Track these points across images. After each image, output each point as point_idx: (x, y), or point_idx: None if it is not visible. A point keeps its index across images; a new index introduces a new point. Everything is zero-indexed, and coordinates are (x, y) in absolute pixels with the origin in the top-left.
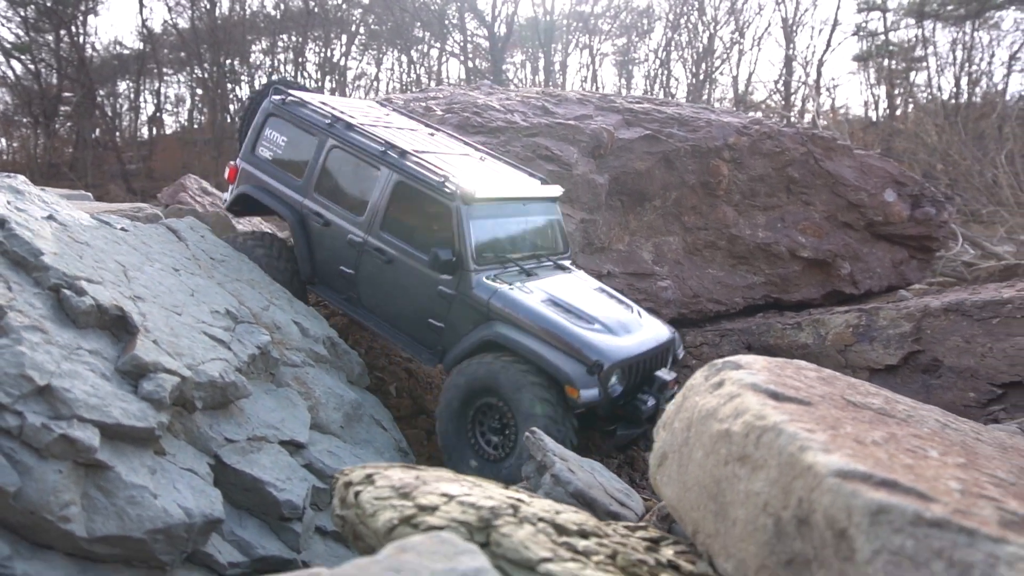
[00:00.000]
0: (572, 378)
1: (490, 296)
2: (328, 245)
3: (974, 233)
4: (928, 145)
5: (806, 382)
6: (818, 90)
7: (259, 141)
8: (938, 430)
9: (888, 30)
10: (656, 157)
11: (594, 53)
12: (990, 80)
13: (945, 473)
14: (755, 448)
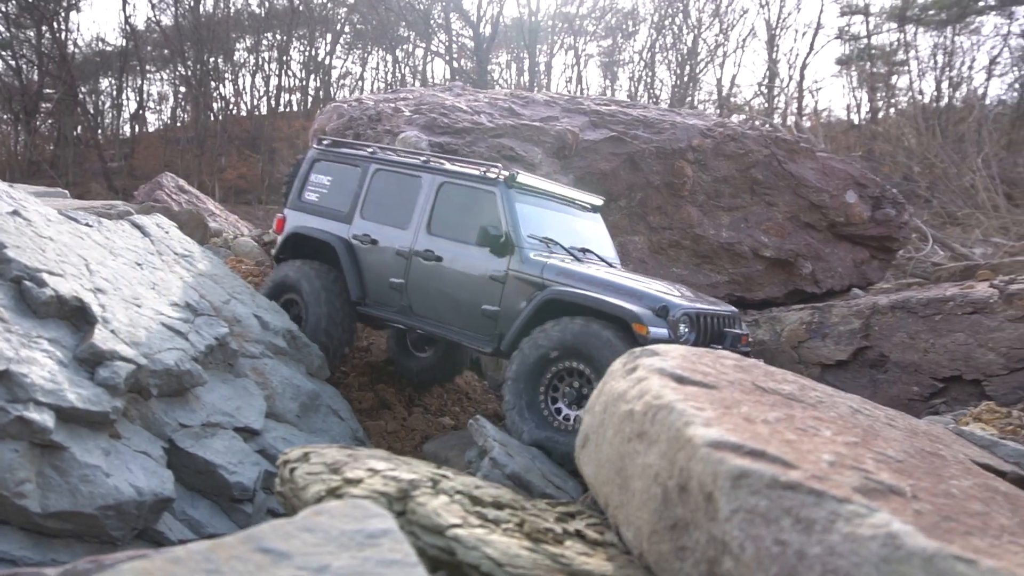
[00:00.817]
0: (640, 316)
1: (542, 269)
2: (376, 262)
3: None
4: (907, 148)
5: (719, 369)
6: (801, 92)
7: (305, 187)
8: (847, 415)
9: (870, 34)
10: (621, 158)
11: (579, 54)
12: (970, 84)
13: (825, 448)
14: (651, 425)
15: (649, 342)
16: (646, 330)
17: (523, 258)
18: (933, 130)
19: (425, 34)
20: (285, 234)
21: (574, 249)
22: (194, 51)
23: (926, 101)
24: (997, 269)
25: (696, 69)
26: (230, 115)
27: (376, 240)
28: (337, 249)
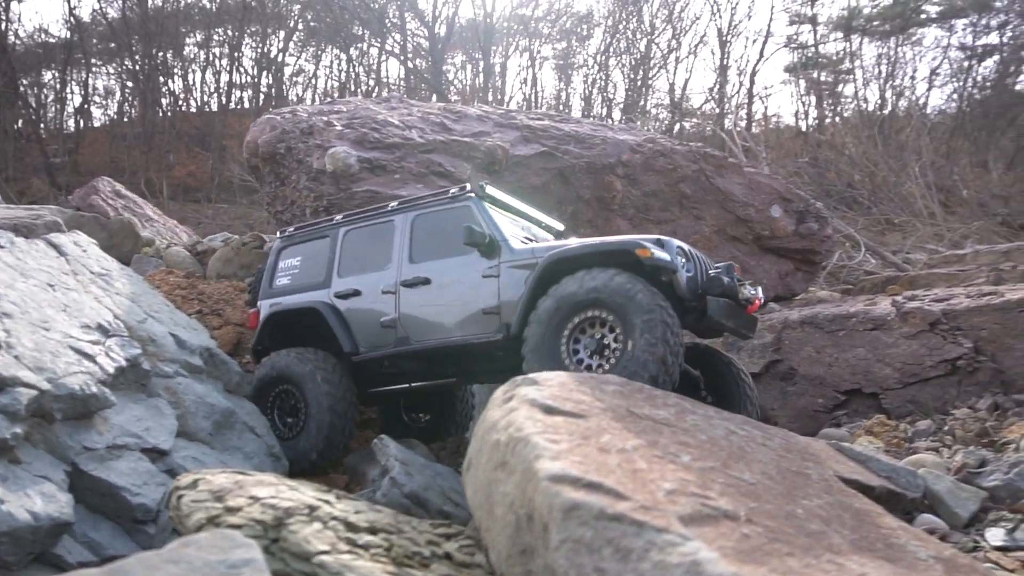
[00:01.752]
0: (640, 242)
1: (532, 252)
2: (363, 309)
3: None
4: (848, 156)
5: (596, 396)
6: (751, 99)
7: (274, 276)
8: (719, 437)
9: (818, 43)
10: (552, 173)
11: (534, 56)
12: (912, 94)
13: (673, 476)
14: (511, 456)
15: (655, 263)
16: (649, 252)
17: (511, 249)
18: (874, 139)
19: (380, 33)
20: (262, 320)
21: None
22: (142, 45)
23: (870, 109)
24: (914, 282)
25: (649, 74)
26: (179, 111)
27: (359, 290)
28: (320, 311)
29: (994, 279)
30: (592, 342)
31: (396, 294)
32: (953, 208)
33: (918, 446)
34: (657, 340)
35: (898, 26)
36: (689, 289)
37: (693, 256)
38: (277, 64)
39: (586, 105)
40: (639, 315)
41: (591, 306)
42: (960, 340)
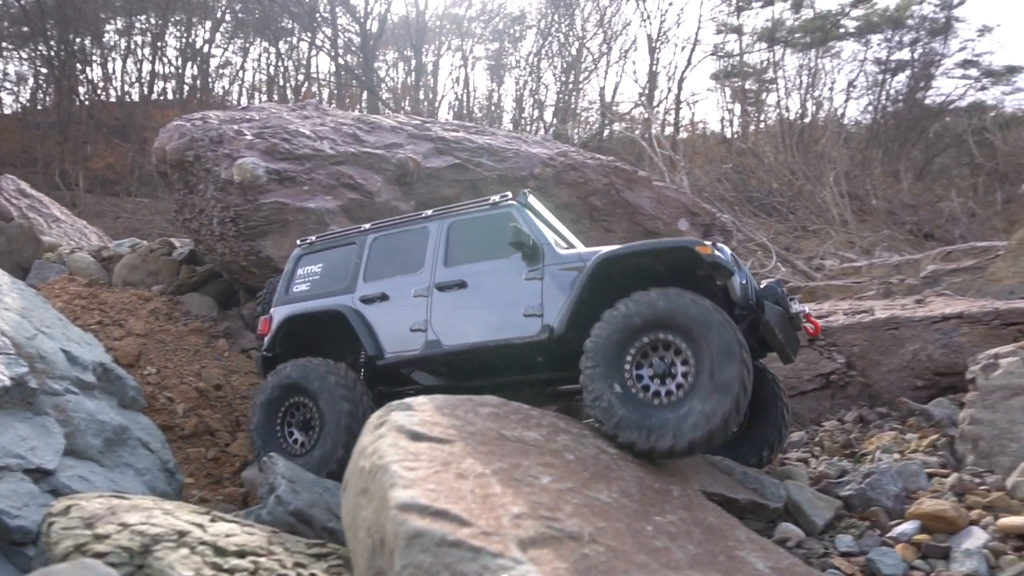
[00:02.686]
0: (700, 240)
1: (578, 256)
2: (390, 313)
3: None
4: (767, 165)
5: (467, 420)
6: (678, 105)
7: (292, 283)
8: (587, 457)
9: (743, 52)
10: (464, 185)
11: (467, 56)
12: (831, 105)
13: (526, 499)
14: (371, 483)
15: (716, 260)
16: (710, 249)
17: (555, 253)
18: (791, 148)
19: (310, 27)
20: (276, 324)
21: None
22: (58, 30)
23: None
24: (814, 293)
25: (580, 77)
26: (98, 100)
27: (386, 294)
28: (345, 314)
29: (883, 292)
30: (661, 365)
31: (429, 297)
32: (866, 216)
33: (790, 457)
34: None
35: (818, 39)
36: (743, 296)
37: (742, 264)
38: (203, 55)
39: (518, 106)
40: (720, 348)
41: (662, 328)
42: (835, 355)
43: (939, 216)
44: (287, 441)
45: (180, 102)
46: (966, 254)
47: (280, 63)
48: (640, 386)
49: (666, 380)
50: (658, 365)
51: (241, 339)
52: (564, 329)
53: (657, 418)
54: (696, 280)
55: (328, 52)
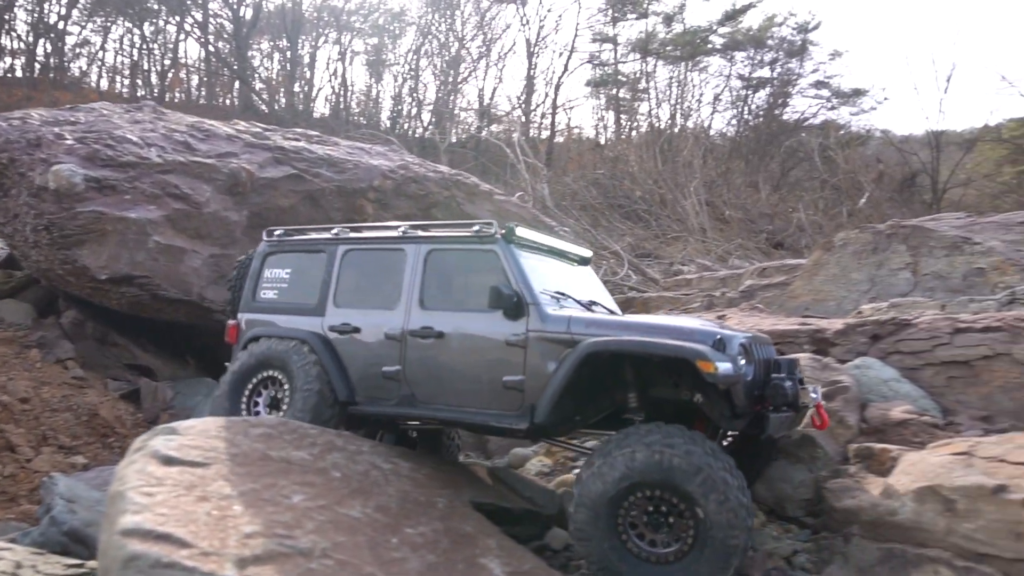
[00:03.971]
0: (703, 352)
1: (568, 324)
2: (362, 352)
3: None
4: (631, 173)
5: (234, 442)
6: (555, 109)
7: (259, 286)
8: (354, 474)
9: (617, 62)
10: (301, 195)
11: (344, 50)
12: (698, 117)
13: (263, 518)
14: (111, 508)
15: (718, 380)
16: (713, 367)
17: (542, 315)
18: (655, 157)
19: (178, 10)
20: (244, 342)
21: (583, 302)
22: None
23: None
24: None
25: (459, 77)
26: None
27: (359, 328)
28: (312, 346)
29: (707, 304)
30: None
31: (403, 344)
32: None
33: (578, 464)
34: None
35: (688, 53)
36: (747, 398)
37: (753, 350)
38: (57, 32)
39: (396, 103)
40: (721, 518)
41: (657, 487)
42: None
43: (790, 227)
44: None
45: (30, 80)
46: (778, 270)
47: (145, 46)
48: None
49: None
50: (652, 522)
51: (57, 349)
52: (546, 419)
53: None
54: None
55: (197, 38)
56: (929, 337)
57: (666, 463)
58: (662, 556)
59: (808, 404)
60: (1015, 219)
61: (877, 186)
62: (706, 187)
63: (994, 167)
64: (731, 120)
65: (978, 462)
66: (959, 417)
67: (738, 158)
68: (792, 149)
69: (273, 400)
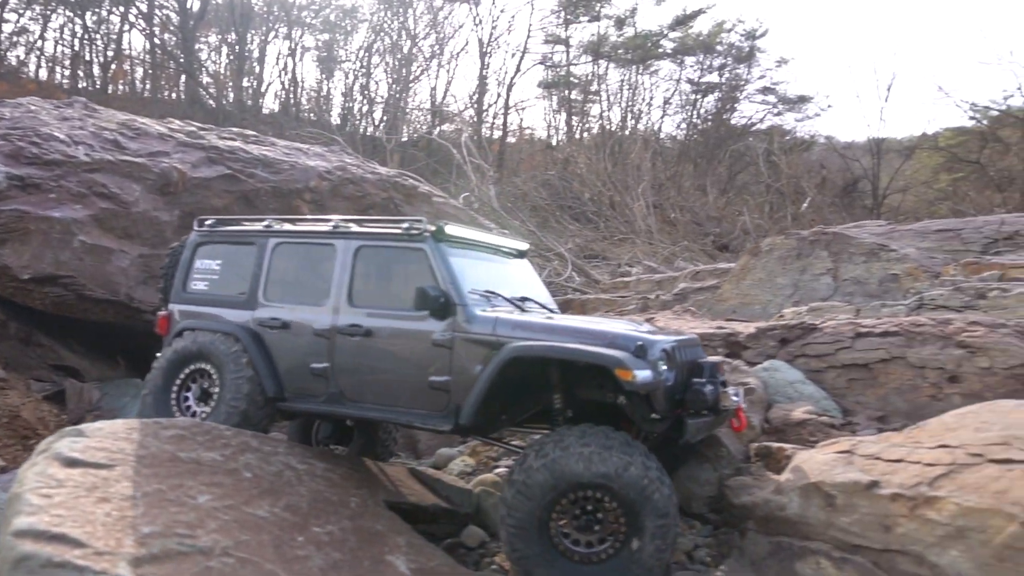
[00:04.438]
0: (622, 360)
1: (494, 325)
2: (291, 348)
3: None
4: (579, 175)
5: (143, 443)
6: (507, 110)
7: (190, 276)
8: (265, 475)
9: (569, 64)
10: (235, 195)
11: (295, 45)
12: (648, 120)
13: (164, 519)
14: (9, 509)
15: (635, 388)
16: (631, 375)
17: (469, 316)
18: (603, 159)
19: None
20: (173, 334)
21: (515, 299)
22: None
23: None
24: (585, 305)
25: (411, 76)
26: None
27: (288, 324)
28: (241, 340)
29: (641, 306)
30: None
31: (331, 341)
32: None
33: (501, 464)
34: (667, 547)
35: (639, 56)
36: (667, 402)
37: (676, 354)
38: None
39: (346, 100)
40: (653, 518)
41: (594, 488)
42: None
43: (736, 230)
44: (180, 408)
45: None
46: (711, 274)
47: (87, 36)
48: (567, 543)
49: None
50: (583, 526)
51: None
52: (471, 420)
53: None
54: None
55: (142, 29)
56: (833, 341)
57: (603, 465)
58: (593, 556)
59: (729, 407)
60: (931, 227)
61: (820, 191)
62: (654, 190)
63: (931, 174)
64: (680, 124)
65: (857, 460)
66: (857, 417)
67: (687, 161)
68: (739, 153)
69: (203, 393)
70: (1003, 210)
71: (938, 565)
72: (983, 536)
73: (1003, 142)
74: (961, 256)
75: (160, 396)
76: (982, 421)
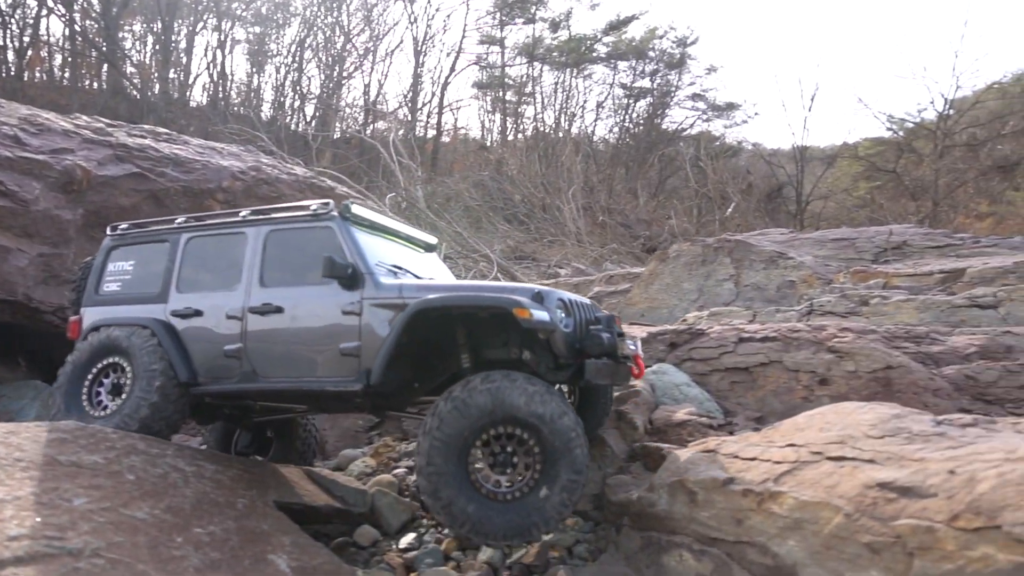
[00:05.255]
0: (519, 300)
1: (400, 289)
2: (204, 333)
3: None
4: (510, 176)
5: (19, 447)
6: (441, 109)
7: (102, 280)
8: (149, 478)
9: (504, 65)
10: (144, 194)
11: (225, 37)
12: (582, 123)
13: (32, 522)
14: None
15: (533, 325)
16: (528, 313)
17: (376, 283)
18: (533, 161)
19: None
20: (85, 331)
21: (422, 278)
22: None
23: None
24: None
25: (343, 72)
26: None
27: (200, 310)
28: (153, 330)
29: None
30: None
31: (244, 321)
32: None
33: (400, 465)
34: (571, 504)
35: (573, 59)
36: (567, 348)
37: (573, 306)
38: None
39: (278, 96)
40: (569, 471)
41: (525, 427)
42: None
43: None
44: (91, 403)
45: None
46: (623, 278)
47: (1, 20)
48: (485, 484)
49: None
50: (497, 463)
51: None
52: (381, 379)
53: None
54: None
55: (61, 15)
56: (717, 345)
57: (542, 407)
58: (499, 494)
59: (627, 355)
60: (828, 236)
61: (745, 196)
62: (586, 192)
63: (851, 182)
64: (613, 128)
65: (719, 458)
66: (737, 418)
67: (619, 165)
68: (669, 158)
69: (115, 387)
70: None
71: (778, 554)
72: (815, 527)
73: (917, 153)
74: (854, 264)
75: (71, 391)
76: (826, 422)
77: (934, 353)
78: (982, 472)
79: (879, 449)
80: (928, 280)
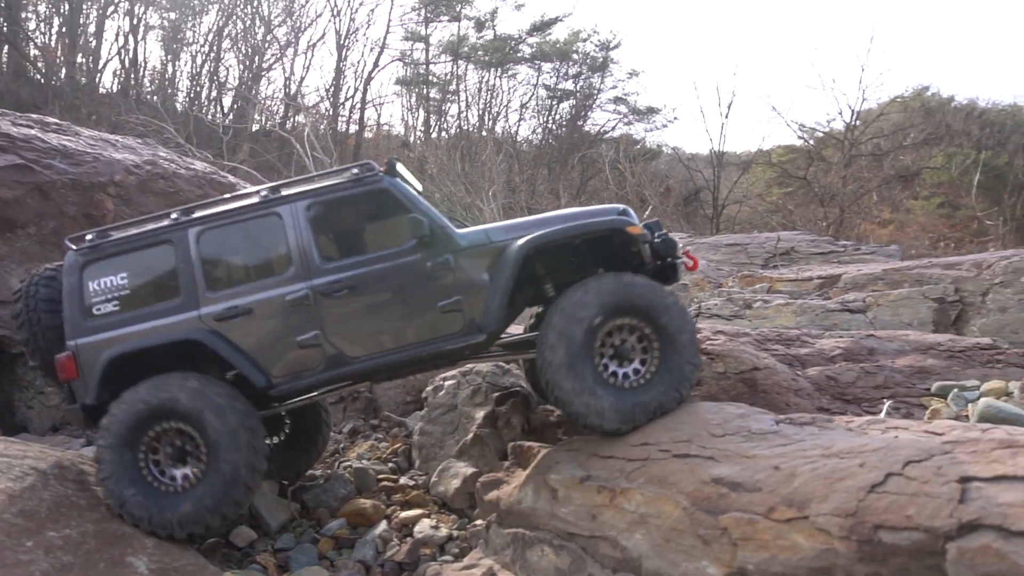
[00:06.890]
0: (628, 220)
1: (486, 235)
2: (266, 329)
3: None
4: (430, 174)
5: None
6: (364, 104)
7: (88, 303)
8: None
9: (429, 62)
10: (28, 187)
11: (137, 21)
12: (506, 122)
13: None
14: None
15: (645, 239)
16: (639, 229)
17: (456, 234)
18: (455, 160)
19: None
20: (101, 367)
21: None
22: None
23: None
24: None
25: (263, 63)
26: None
27: (250, 308)
28: (206, 343)
29: None
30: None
31: (313, 305)
32: None
33: None
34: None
35: (498, 59)
36: (653, 258)
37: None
38: None
39: (193, 84)
40: (681, 334)
41: (626, 313)
42: None
43: None
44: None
45: None
46: None
47: None
48: (609, 373)
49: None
50: (623, 352)
51: None
52: (497, 324)
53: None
54: (609, 248)
55: None
56: None
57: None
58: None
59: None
60: (723, 241)
61: (663, 199)
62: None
63: (765, 188)
64: (536, 128)
65: (580, 457)
66: None
67: (542, 166)
68: (591, 159)
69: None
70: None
71: (626, 548)
72: (658, 521)
73: (826, 161)
74: (746, 268)
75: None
76: (680, 421)
77: (801, 355)
78: (801, 467)
79: (720, 447)
80: (808, 285)
